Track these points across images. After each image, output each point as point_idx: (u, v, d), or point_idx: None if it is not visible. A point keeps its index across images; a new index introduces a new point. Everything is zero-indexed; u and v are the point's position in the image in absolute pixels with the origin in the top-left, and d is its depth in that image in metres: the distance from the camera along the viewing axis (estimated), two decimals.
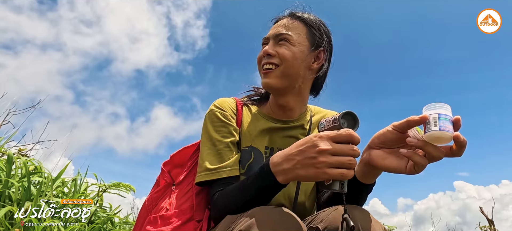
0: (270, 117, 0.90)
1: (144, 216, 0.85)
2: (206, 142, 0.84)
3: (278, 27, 0.87)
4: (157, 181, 0.93)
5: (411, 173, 0.59)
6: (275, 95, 0.88)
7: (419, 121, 0.56)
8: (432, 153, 0.55)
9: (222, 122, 0.85)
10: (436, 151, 0.55)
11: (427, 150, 0.55)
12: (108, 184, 2.13)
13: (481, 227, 3.22)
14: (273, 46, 0.85)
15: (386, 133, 0.62)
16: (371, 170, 0.67)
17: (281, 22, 0.89)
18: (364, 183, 0.71)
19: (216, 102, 0.89)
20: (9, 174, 1.64)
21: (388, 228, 3.47)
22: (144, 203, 0.89)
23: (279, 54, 0.83)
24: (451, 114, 0.55)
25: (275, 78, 0.84)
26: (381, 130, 0.64)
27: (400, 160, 0.61)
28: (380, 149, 0.64)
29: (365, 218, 0.63)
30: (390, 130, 0.61)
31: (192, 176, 0.87)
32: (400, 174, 0.61)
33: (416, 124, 0.57)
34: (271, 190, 0.66)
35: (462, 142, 0.54)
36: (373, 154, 0.64)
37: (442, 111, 0.55)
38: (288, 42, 0.84)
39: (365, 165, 0.67)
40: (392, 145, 0.63)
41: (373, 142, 0.65)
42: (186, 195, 0.84)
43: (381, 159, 0.63)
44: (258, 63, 0.89)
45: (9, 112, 2.40)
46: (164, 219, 0.79)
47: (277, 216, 0.58)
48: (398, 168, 0.61)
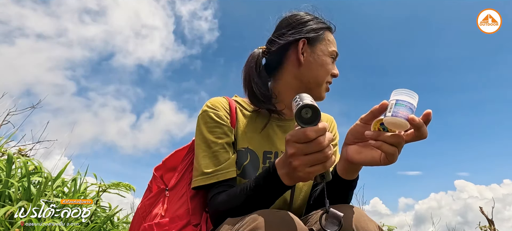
0: (269, 117, 0.89)
1: (138, 225, 0.83)
2: (200, 144, 0.81)
3: (335, 45, 0.91)
4: (149, 187, 0.91)
5: (385, 164, 0.60)
6: None
7: (380, 109, 0.58)
8: (388, 140, 0.56)
9: (216, 122, 0.82)
10: (392, 138, 0.56)
11: (383, 138, 0.57)
12: (108, 184, 2.13)
13: (481, 227, 3.22)
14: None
15: (356, 127, 0.64)
16: (350, 166, 0.68)
17: (334, 38, 0.92)
18: (347, 179, 0.71)
19: (209, 102, 0.86)
20: (9, 174, 1.64)
21: (388, 228, 3.46)
22: (137, 210, 0.86)
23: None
24: (415, 103, 0.55)
25: None
26: (352, 125, 0.66)
27: (373, 153, 0.62)
28: (355, 144, 0.66)
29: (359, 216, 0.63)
30: (359, 124, 0.64)
31: (185, 179, 0.86)
32: (377, 166, 0.62)
33: (378, 112, 0.59)
34: (275, 192, 0.65)
35: (418, 123, 0.54)
36: (349, 150, 0.66)
37: (401, 97, 0.55)
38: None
39: (344, 161, 0.68)
40: (364, 139, 0.64)
41: (347, 138, 0.67)
42: (181, 200, 0.83)
43: (356, 153, 0.65)
44: (325, 74, 0.88)
45: (9, 112, 2.40)
46: (160, 226, 0.78)
47: (279, 219, 0.57)
48: (372, 161, 0.62)
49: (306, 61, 0.86)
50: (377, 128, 0.60)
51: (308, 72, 0.86)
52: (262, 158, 0.84)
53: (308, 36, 0.87)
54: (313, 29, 0.88)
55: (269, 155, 0.85)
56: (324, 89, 0.89)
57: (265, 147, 0.85)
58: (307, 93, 0.59)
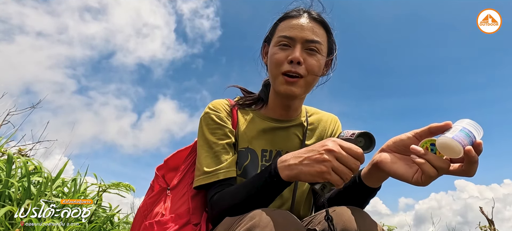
0: (268, 117, 0.90)
1: (140, 223, 0.84)
2: (202, 145, 0.83)
3: (306, 30, 0.79)
4: (151, 186, 0.92)
5: (417, 184, 0.57)
6: (284, 98, 0.85)
7: (441, 127, 0.54)
8: (433, 161, 0.53)
9: (218, 124, 0.85)
10: (438, 161, 0.53)
11: (428, 158, 0.53)
12: (108, 184, 2.13)
13: (481, 227, 3.22)
14: (301, 52, 0.78)
15: (404, 139, 0.60)
16: (377, 172, 0.66)
17: (307, 24, 0.80)
18: (369, 186, 0.70)
19: (211, 104, 0.89)
20: (9, 174, 1.64)
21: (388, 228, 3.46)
22: (139, 209, 0.88)
23: (307, 65, 0.78)
24: (478, 137, 0.51)
25: (299, 88, 0.79)
26: (400, 135, 0.62)
27: (408, 168, 0.59)
28: (392, 153, 0.63)
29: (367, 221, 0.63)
30: (409, 136, 0.59)
31: (187, 179, 0.87)
32: (405, 182, 0.59)
33: (437, 130, 0.55)
34: (273, 187, 0.65)
35: (473, 157, 0.49)
36: (383, 156, 0.63)
37: (468, 127, 0.51)
38: (317, 52, 0.79)
39: (373, 166, 0.66)
40: (406, 152, 0.61)
41: (387, 145, 0.64)
42: (182, 199, 0.84)
43: (391, 162, 0.62)
44: (279, 64, 0.80)
45: (9, 112, 2.40)
46: (161, 224, 0.79)
47: (278, 218, 0.57)
48: (405, 175, 0.59)
49: (268, 61, 0.86)
50: (426, 147, 0.55)
51: (268, 71, 0.86)
52: (260, 156, 0.86)
53: (266, 37, 0.90)
54: (270, 28, 0.89)
55: (265, 153, 0.86)
56: (279, 82, 0.80)
57: (263, 145, 0.87)
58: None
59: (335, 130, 0.97)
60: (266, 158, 0.86)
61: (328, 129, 0.96)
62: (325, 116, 0.98)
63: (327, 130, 0.95)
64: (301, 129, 0.91)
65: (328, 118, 0.98)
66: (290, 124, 0.90)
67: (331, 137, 0.67)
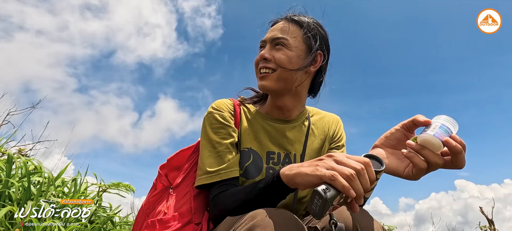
0: (269, 117, 0.90)
1: (142, 221, 0.85)
2: (206, 145, 0.84)
3: (274, 30, 0.87)
4: (154, 184, 0.93)
5: (408, 177, 0.60)
6: (272, 97, 0.90)
7: (422, 122, 0.59)
8: (428, 156, 0.55)
9: (221, 124, 0.85)
10: (434, 155, 0.55)
11: (424, 153, 0.56)
12: (108, 184, 2.13)
13: (481, 227, 3.22)
14: (269, 50, 0.86)
15: (394, 132, 0.64)
16: None
17: (277, 25, 0.88)
18: None
19: (214, 104, 0.89)
20: (9, 174, 1.64)
21: (388, 228, 3.46)
22: (141, 207, 0.88)
23: (275, 59, 0.84)
24: (455, 132, 0.56)
25: (270, 81, 0.84)
26: (390, 129, 0.65)
27: (400, 162, 0.62)
28: (384, 148, 0.65)
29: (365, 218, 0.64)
30: (399, 129, 0.63)
31: (189, 178, 0.88)
32: (397, 176, 0.62)
33: (419, 123, 0.59)
34: (273, 187, 0.65)
35: (454, 147, 0.53)
36: (377, 152, 0.65)
37: (446, 124, 0.56)
38: (284, 46, 0.84)
39: None
40: (397, 145, 0.64)
41: (380, 140, 0.67)
42: (184, 198, 0.84)
43: (382, 157, 0.63)
44: (256, 66, 0.89)
45: (9, 112, 2.40)
46: (162, 222, 0.79)
47: (279, 217, 0.57)
48: (396, 169, 0.62)
49: None
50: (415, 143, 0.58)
51: None
52: (265, 159, 0.86)
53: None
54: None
55: (272, 155, 0.87)
56: (257, 80, 0.89)
57: (268, 147, 0.87)
58: None
59: (337, 130, 0.98)
60: (273, 160, 0.86)
61: (330, 129, 0.96)
62: (327, 116, 0.99)
63: (329, 130, 0.96)
64: (303, 129, 0.92)
65: (330, 118, 0.99)
66: (292, 123, 0.91)
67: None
